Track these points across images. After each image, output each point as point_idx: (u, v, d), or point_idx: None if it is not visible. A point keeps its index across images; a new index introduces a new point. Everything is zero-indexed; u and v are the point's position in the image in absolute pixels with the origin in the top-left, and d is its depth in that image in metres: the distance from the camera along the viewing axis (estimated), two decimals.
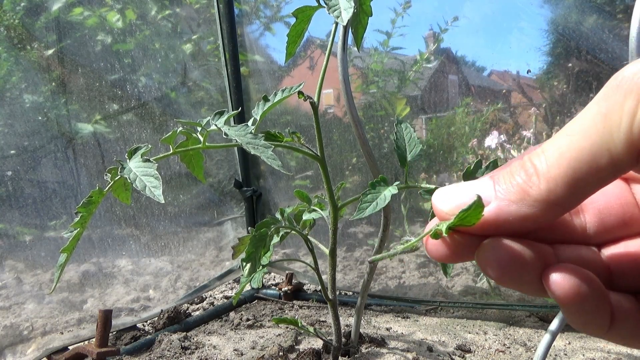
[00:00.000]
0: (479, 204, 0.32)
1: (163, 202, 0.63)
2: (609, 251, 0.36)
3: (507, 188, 0.33)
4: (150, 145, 0.73)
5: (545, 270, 0.32)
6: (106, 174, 0.74)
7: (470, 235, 0.34)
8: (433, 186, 0.86)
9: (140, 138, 1.83)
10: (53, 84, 1.68)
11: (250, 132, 0.69)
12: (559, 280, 0.31)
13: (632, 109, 0.28)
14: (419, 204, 1.95)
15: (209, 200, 2.09)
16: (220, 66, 2.00)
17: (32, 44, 1.63)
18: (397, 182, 0.88)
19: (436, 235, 0.35)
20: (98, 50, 1.80)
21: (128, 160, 0.72)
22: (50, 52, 1.66)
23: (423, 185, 0.89)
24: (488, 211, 0.33)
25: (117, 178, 0.73)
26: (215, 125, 0.73)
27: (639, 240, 0.36)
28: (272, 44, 2.20)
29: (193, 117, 1.99)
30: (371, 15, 0.92)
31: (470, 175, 0.88)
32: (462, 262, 0.36)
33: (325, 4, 0.82)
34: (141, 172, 0.67)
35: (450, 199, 0.35)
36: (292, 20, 0.92)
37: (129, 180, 0.67)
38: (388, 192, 0.85)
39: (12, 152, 1.56)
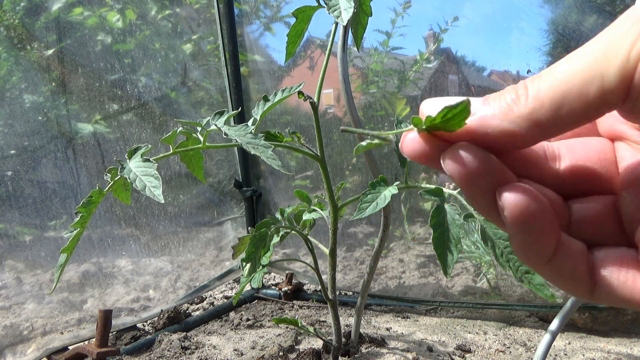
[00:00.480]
0: (466, 107, 0.32)
1: (163, 202, 0.63)
2: (574, 202, 0.36)
3: (494, 105, 0.33)
4: (150, 145, 0.73)
5: (501, 185, 0.33)
6: (106, 174, 0.74)
7: (447, 141, 0.35)
8: (433, 186, 0.86)
9: (140, 138, 1.83)
10: (53, 84, 1.68)
11: (250, 132, 0.69)
12: (511, 195, 0.32)
13: (634, 38, 0.28)
14: (419, 204, 1.95)
15: (209, 200, 2.09)
16: (220, 66, 2.00)
17: (32, 44, 1.63)
18: (397, 182, 0.88)
19: (418, 122, 0.35)
20: (98, 50, 1.80)
21: (128, 160, 0.72)
22: (50, 52, 1.66)
23: (423, 185, 0.89)
24: (470, 120, 0.33)
25: (117, 178, 0.73)
26: (215, 125, 0.73)
27: (606, 197, 0.36)
28: (272, 44, 2.20)
29: (193, 117, 1.99)
30: (371, 15, 0.92)
31: None
32: (431, 165, 0.36)
33: (325, 4, 0.82)
34: (141, 172, 0.67)
35: (438, 105, 0.35)
36: (292, 20, 0.92)
37: (129, 180, 0.67)
38: (388, 192, 0.85)
39: (12, 152, 1.56)
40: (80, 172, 1.69)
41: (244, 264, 0.86)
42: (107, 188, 0.74)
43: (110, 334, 1.33)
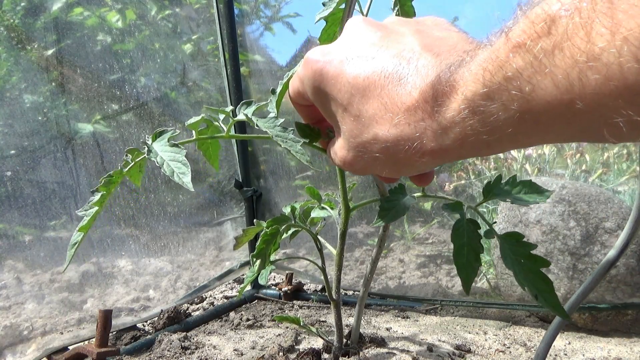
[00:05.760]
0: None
1: (192, 190, 0.62)
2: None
3: None
4: (178, 131, 0.72)
5: None
6: (126, 155, 0.73)
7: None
8: (451, 197, 0.87)
9: (140, 138, 1.83)
10: (53, 84, 1.68)
11: (280, 125, 0.69)
12: None
13: None
14: (419, 204, 1.95)
15: (208, 200, 2.09)
16: (220, 66, 2.00)
17: (31, 44, 1.62)
18: (417, 193, 0.89)
19: None
20: (97, 51, 1.80)
21: (151, 143, 0.71)
22: (49, 52, 1.66)
23: (440, 195, 0.90)
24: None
25: (139, 159, 0.71)
26: (245, 114, 0.73)
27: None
28: (272, 44, 2.19)
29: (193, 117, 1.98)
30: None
31: (490, 189, 0.87)
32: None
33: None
34: (168, 156, 0.66)
35: None
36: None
37: (157, 164, 0.66)
38: (408, 201, 0.85)
39: (12, 152, 1.55)
40: (80, 173, 1.69)
41: (254, 259, 0.86)
42: (127, 168, 0.73)
43: (110, 334, 1.33)
